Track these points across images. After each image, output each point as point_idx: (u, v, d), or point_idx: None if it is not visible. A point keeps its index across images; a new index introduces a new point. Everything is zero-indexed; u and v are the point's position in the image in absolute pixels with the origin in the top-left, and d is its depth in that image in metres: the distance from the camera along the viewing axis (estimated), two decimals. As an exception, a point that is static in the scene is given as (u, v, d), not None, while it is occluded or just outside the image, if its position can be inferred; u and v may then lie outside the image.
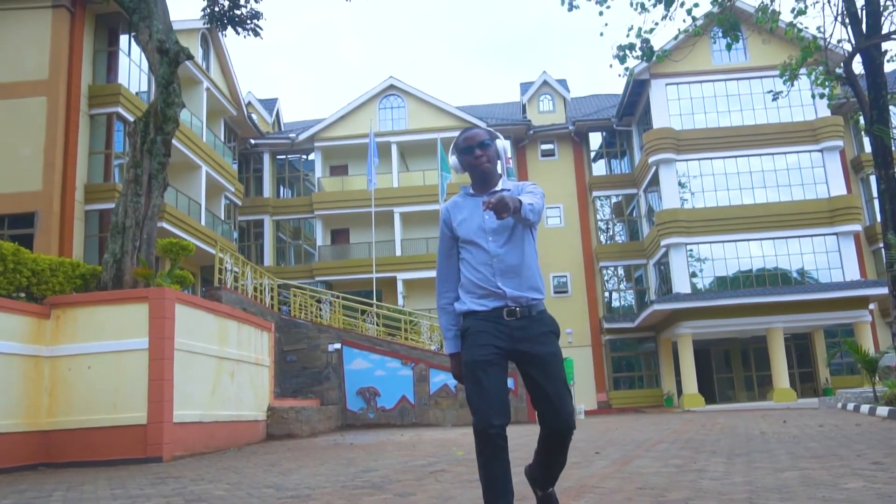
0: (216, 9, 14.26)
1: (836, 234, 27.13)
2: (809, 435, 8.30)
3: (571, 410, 2.95)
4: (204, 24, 16.15)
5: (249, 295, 16.92)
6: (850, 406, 14.62)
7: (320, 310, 21.02)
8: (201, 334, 10.32)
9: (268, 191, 32.51)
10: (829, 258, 27.19)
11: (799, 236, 27.29)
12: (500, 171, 3.18)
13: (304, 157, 33.66)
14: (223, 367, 11.03)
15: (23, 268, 9.43)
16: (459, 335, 3.05)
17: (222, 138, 28.40)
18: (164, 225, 20.15)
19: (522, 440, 7.87)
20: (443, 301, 3.18)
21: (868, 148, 23.61)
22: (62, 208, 18.60)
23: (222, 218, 27.40)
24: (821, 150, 27.93)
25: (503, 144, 3.15)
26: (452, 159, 3.20)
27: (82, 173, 19.50)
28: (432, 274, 28.73)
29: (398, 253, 30.46)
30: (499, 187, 3.09)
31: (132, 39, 20.80)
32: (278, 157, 33.47)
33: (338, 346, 18.04)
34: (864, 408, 13.05)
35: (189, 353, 9.80)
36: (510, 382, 15.78)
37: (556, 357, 2.94)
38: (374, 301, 22.74)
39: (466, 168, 3.13)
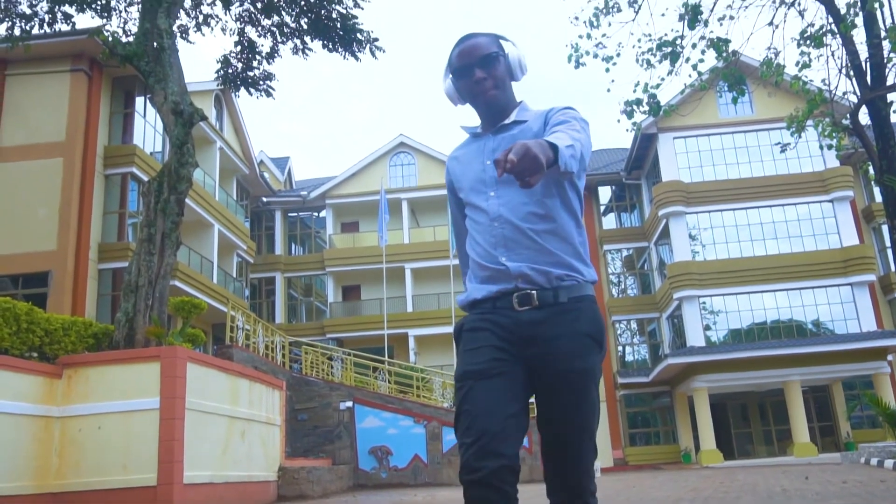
0: (230, 71, 14.57)
1: (850, 284, 26.90)
2: (833, 492, 8.08)
3: (588, 473, 2.01)
4: (217, 85, 16.49)
5: (261, 353, 16.86)
6: (874, 461, 14.28)
7: (332, 367, 20.91)
8: (212, 393, 10.25)
9: (279, 248, 32.69)
10: (845, 309, 26.91)
11: (813, 287, 27.09)
12: (514, 96, 2.23)
13: (316, 214, 33.93)
14: (234, 427, 10.92)
15: (36, 327, 9.45)
16: None
17: (235, 197, 28.71)
18: (177, 283, 20.23)
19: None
20: (465, 280, 2.33)
21: (878, 197, 23.60)
22: (76, 267, 18.73)
23: (234, 275, 27.51)
24: (831, 201, 27.91)
25: (518, 54, 2.19)
26: (446, 85, 2.24)
27: (96, 232, 19.70)
28: (444, 330, 28.66)
29: (409, 309, 30.39)
30: (512, 119, 2.16)
31: (147, 101, 21.24)
32: (290, 214, 33.75)
33: (349, 404, 17.86)
34: (889, 463, 12.74)
35: (200, 412, 9.72)
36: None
37: (585, 379, 1.97)
38: (386, 358, 22.61)
39: (466, 97, 2.20)
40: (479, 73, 2.12)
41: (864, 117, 10.90)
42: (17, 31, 12.94)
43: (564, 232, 2.04)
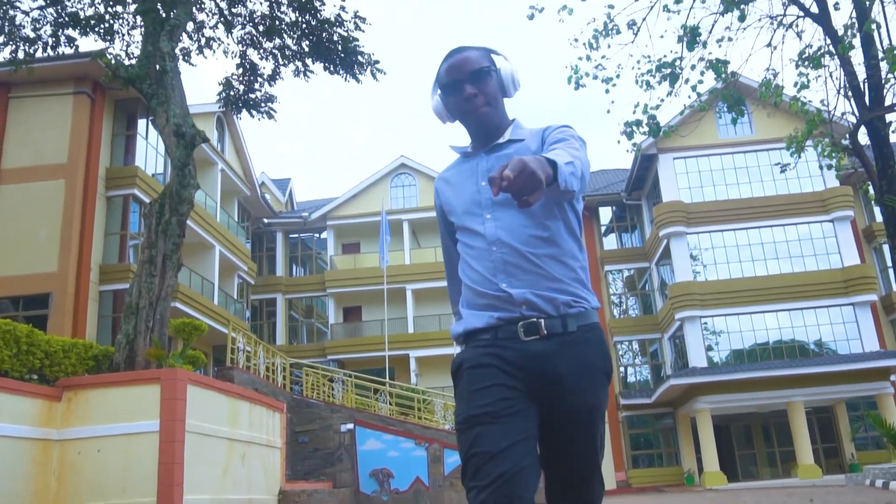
0: (231, 93, 14.66)
1: (852, 304, 26.83)
2: (838, 513, 8.00)
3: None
4: (219, 107, 16.57)
5: (261, 375, 16.80)
6: (879, 483, 14.15)
7: (332, 389, 20.81)
8: (213, 416, 10.20)
9: (280, 269, 32.68)
10: (847, 329, 26.82)
11: (815, 307, 27.02)
12: (507, 113, 2.11)
13: (317, 235, 33.96)
14: (234, 450, 10.85)
15: (36, 349, 9.42)
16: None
17: (236, 218, 28.75)
18: (178, 305, 20.20)
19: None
20: (456, 308, 2.18)
21: (879, 217, 23.61)
22: (77, 289, 18.72)
23: (235, 297, 27.47)
24: (832, 221, 27.91)
25: (510, 69, 2.07)
26: (434, 101, 2.12)
27: (97, 254, 19.71)
28: (445, 351, 28.57)
29: (411, 330, 30.31)
30: (507, 138, 2.04)
31: (149, 123, 21.34)
32: (291, 235, 33.78)
33: (350, 426, 17.76)
34: (894, 484, 12.64)
35: (200, 434, 9.66)
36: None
37: (594, 416, 1.88)
38: (387, 379, 22.52)
39: (455, 114, 2.08)
40: (470, 89, 1.99)
41: (863, 137, 10.94)
42: (20, 55, 13.05)
43: (567, 256, 1.92)
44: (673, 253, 28.15)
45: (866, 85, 10.73)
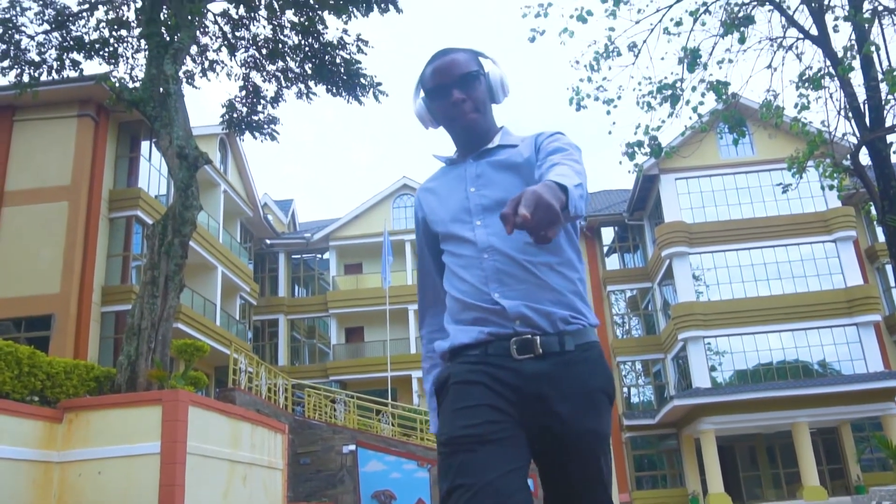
0: (234, 115, 14.75)
1: (855, 324, 26.74)
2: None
3: None
4: (222, 129, 16.67)
5: (263, 396, 16.75)
6: (885, 504, 14.02)
7: (335, 410, 20.73)
8: (214, 437, 10.16)
9: (283, 290, 32.67)
10: (851, 349, 26.71)
11: (818, 327, 26.92)
12: (496, 120, 1.99)
13: (319, 256, 33.99)
14: (235, 471, 10.79)
15: (38, 371, 9.41)
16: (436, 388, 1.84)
17: (238, 239, 28.80)
18: (180, 325, 20.18)
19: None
20: (423, 330, 2.03)
21: (882, 237, 23.60)
22: (79, 310, 18.71)
23: (237, 318, 27.45)
24: (834, 241, 27.89)
25: (499, 73, 1.95)
26: (417, 105, 1.99)
27: (100, 275, 19.72)
28: (447, 371, 28.45)
29: (413, 351, 30.23)
30: (496, 143, 1.92)
31: (153, 145, 21.45)
32: (293, 256, 33.81)
33: (352, 447, 17.67)
34: (900, 506, 12.50)
35: (201, 456, 9.62)
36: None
37: (597, 443, 1.71)
38: (389, 400, 22.43)
39: (440, 120, 1.95)
40: (457, 94, 1.86)
41: (864, 158, 10.96)
42: (25, 78, 13.16)
43: (566, 266, 1.78)
44: (675, 273, 28.12)
45: (866, 106, 10.78)
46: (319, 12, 13.52)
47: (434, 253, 1.98)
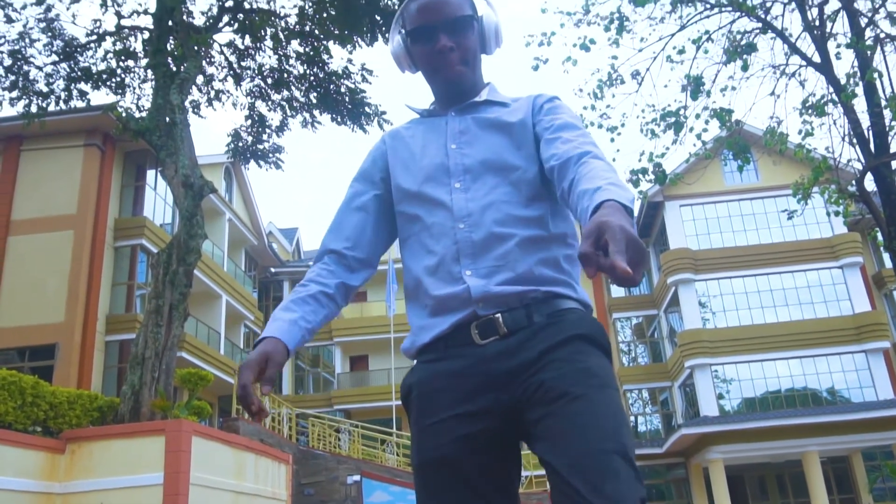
0: (240, 144, 14.84)
1: (864, 351, 26.52)
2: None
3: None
4: (228, 158, 16.76)
5: (267, 425, 16.63)
6: (898, 535, 13.79)
7: (339, 440, 20.57)
8: (217, 468, 10.06)
9: (287, 318, 32.56)
10: (860, 377, 26.46)
11: (826, 354, 26.71)
12: (482, 74, 1.73)
13: (324, 284, 33.94)
14: (239, 502, 10.68)
15: (41, 401, 9.36)
16: (291, 317, 1.64)
17: (243, 267, 28.82)
18: (184, 354, 20.10)
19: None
20: (310, 273, 1.77)
21: (889, 263, 23.47)
22: (83, 339, 18.67)
23: (242, 346, 27.37)
24: (841, 267, 27.77)
25: (494, 20, 1.68)
26: (395, 44, 1.70)
27: (104, 304, 19.70)
28: (453, 400, 28.25)
29: (418, 379, 30.07)
30: (484, 97, 1.68)
31: (158, 174, 21.54)
32: (298, 285, 33.77)
33: (357, 478, 17.47)
34: (914, 537, 12.30)
35: (204, 487, 9.52)
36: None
37: (590, 379, 1.36)
38: (394, 430, 22.25)
39: (422, 67, 1.68)
40: (445, 40, 1.59)
41: (869, 184, 10.94)
42: (34, 108, 13.27)
43: (553, 244, 1.54)
44: (681, 300, 28.00)
45: (871, 132, 10.78)
46: (324, 42, 13.66)
47: (381, 197, 1.68)
